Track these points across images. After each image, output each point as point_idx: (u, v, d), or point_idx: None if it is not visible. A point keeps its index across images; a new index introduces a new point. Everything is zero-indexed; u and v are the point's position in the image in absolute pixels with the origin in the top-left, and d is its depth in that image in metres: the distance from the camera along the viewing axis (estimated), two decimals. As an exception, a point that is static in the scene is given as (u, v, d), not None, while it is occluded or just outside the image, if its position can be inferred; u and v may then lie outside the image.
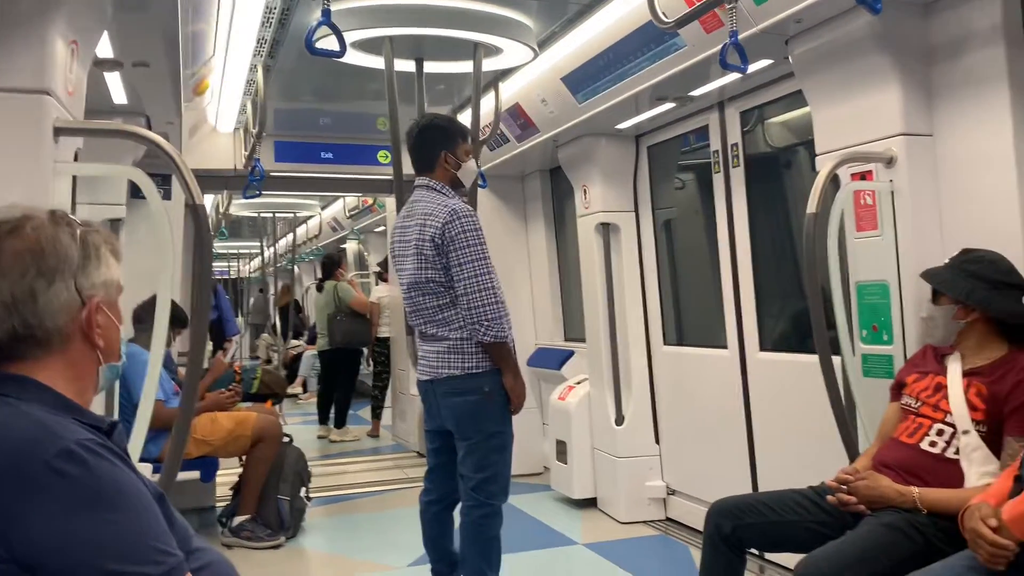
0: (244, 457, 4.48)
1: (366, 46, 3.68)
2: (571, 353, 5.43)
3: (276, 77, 4.75)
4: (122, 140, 3.56)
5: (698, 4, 2.83)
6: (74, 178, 2.91)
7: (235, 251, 16.49)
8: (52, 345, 1.23)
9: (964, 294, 2.35)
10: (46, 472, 1.06)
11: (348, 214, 9.93)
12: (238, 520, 4.38)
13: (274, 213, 10.52)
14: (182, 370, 4.85)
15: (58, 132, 2.08)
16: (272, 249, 11.74)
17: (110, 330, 1.32)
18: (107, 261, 1.32)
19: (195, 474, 4.25)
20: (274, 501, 4.45)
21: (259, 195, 5.09)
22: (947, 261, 2.44)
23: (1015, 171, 2.57)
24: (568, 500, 5.02)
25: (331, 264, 7.95)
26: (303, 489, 4.63)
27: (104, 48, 2.97)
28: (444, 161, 3.08)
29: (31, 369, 1.23)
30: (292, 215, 11.10)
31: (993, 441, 2.22)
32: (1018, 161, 2.57)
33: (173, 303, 4.07)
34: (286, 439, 4.65)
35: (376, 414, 7.92)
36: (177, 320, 4.09)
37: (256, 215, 10.63)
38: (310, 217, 11.80)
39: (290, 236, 11.96)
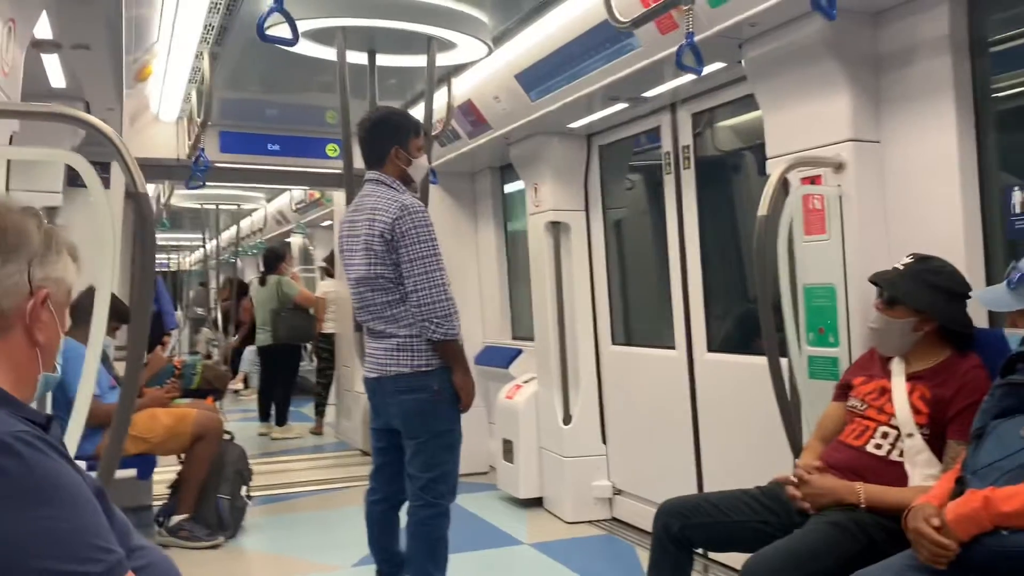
0: (183, 455, 4.37)
1: (318, 36, 3.61)
2: (519, 352, 5.42)
3: (223, 66, 4.64)
4: (60, 126, 3.48)
5: (654, 5, 2.84)
6: (8, 163, 2.79)
7: (175, 243, 16.13)
8: None
9: (927, 306, 2.35)
10: None
11: (294, 207, 9.79)
12: (176, 519, 4.27)
13: (218, 205, 10.31)
14: (119, 365, 4.71)
15: (-8, 114, 1.99)
16: (215, 242, 11.50)
17: (51, 329, 1.28)
18: (65, 261, 1.30)
19: (132, 472, 4.12)
20: (213, 500, 4.35)
21: (203, 186, 4.97)
22: (900, 267, 2.42)
23: (959, 178, 2.63)
24: (514, 500, 5.01)
25: (274, 258, 7.82)
26: (244, 488, 4.53)
27: (43, 28, 2.85)
28: (395, 156, 3.03)
29: None
30: (236, 207, 10.88)
31: (936, 444, 2.26)
32: (962, 168, 2.64)
33: (115, 297, 3.95)
34: (227, 436, 4.55)
35: (319, 411, 7.81)
36: (118, 315, 3.92)
37: (199, 206, 10.40)
38: (255, 210, 11.59)
39: (234, 229, 11.73)
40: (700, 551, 2.95)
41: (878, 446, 2.35)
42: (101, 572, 1.04)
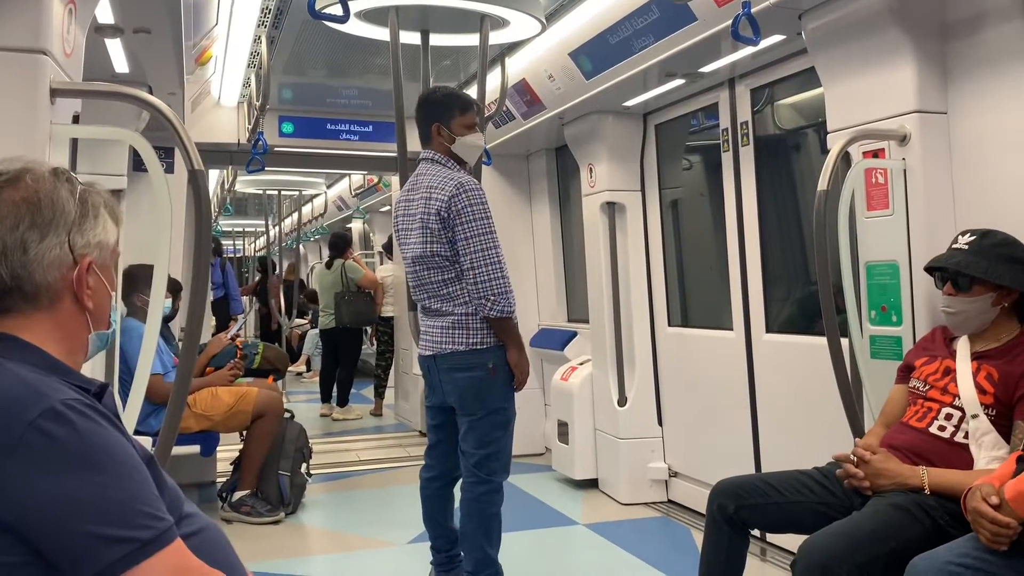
0: (245, 432, 4.47)
1: (371, 17, 3.62)
2: (574, 334, 5.40)
3: (281, 50, 4.69)
4: (123, 113, 3.56)
5: (710, -25, 2.77)
6: (74, 147, 2.86)
7: (240, 229, 16.46)
8: (40, 301, 1.20)
9: (1011, 280, 2.25)
10: (31, 432, 1.03)
11: (353, 193, 9.89)
12: (238, 495, 4.37)
13: (279, 191, 10.48)
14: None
15: (55, 93, 2.03)
16: (278, 228, 11.70)
17: (100, 294, 1.28)
18: (105, 223, 1.29)
19: (195, 448, 4.24)
20: (275, 476, 4.44)
21: (262, 170, 5.04)
22: (962, 247, 2.32)
23: (1031, 150, 2.52)
24: (569, 481, 5.00)
25: (342, 243, 7.92)
26: (304, 465, 4.61)
27: (105, 13, 2.92)
28: (437, 133, 3.04)
29: (19, 327, 1.20)
30: (298, 193, 11.04)
31: (1003, 425, 2.17)
32: (1034, 140, 2.52)
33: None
34: (287, 415, 4.63)
35: (379, 393, 7.92)
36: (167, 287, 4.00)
37: (262, 192, 10.58)
38: (316, 195, 11.74)
39: (295, 215, 11.91)
40: (757, 534, 2.90)
41: (942, 428, 2.27)
42: (149, 538, 1.05)
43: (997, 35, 2.60)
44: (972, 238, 2.33)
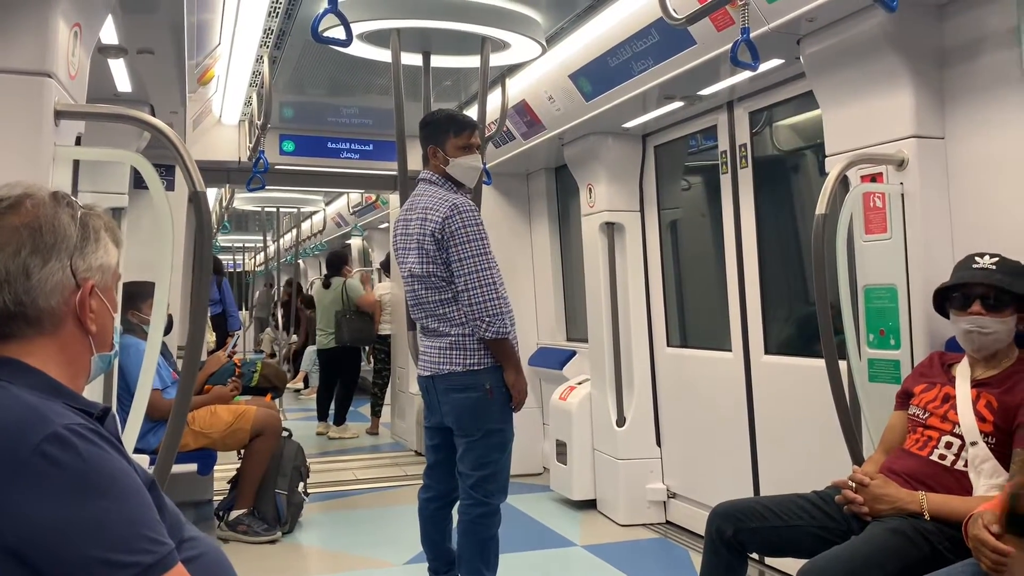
0: (242, 450, 4.45)
1: (373, 38, 3.65)
2: (573, 353, 5.40)
3: (283, 69, 4.72)
4: (125, 130, 3.58)
5: (709, 1, 2.80)
6: (76, 166, 2.88)
7: (240, 245, 16.48)
8: (43, 326, 1.20)
9: None
10: (35, 457, 1.03)
11: (352, 210, 9.92)
12: (235, 514, 4.35)
13: (278, 208, 10.51)
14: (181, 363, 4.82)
15: (59, 115, 2.05)
16: (276, 244, 11.72)
17: (103, 316, 1.28)
18: (106, 246, 1.28)
19: (193, 466, 4.22)
20: (272, 495, 4.42)
21: (263, 188, 5.06)
22: (989, 267, 2.30)
23: (1028, 175, 2.54)
24: (567, 501, 4.99)
25: (339, 261, 7.92)
26: (301, 484, 4.60)
27: (108, 34, 2.94)
28: (432, 155, 3.07)
29: (22, 351, 1.19)
30: (296, 210, 11.08)
31: (1003, 452, 2.17)
32: (1031, 165, 2.54)
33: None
34: (285, 433, 4.62)
35: (376, 412, 7.90)
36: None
37: (260, 209, 10.61)
38: (314, 212, 11.78)
39: (294, 231, 11.95)
40: (755, 556, 2.89)
41: (942, 456, 2.27)
42: (151, 563, 1.05)
43: (994, 61, 2.63)
44: (996, 259, 2.31)
